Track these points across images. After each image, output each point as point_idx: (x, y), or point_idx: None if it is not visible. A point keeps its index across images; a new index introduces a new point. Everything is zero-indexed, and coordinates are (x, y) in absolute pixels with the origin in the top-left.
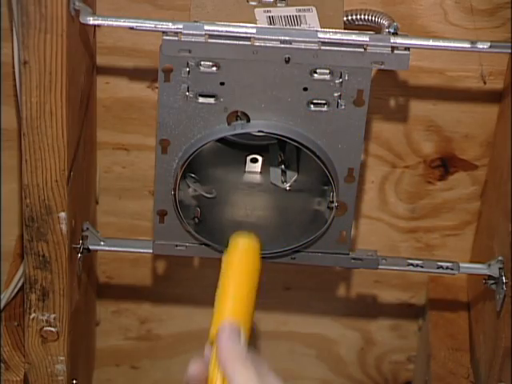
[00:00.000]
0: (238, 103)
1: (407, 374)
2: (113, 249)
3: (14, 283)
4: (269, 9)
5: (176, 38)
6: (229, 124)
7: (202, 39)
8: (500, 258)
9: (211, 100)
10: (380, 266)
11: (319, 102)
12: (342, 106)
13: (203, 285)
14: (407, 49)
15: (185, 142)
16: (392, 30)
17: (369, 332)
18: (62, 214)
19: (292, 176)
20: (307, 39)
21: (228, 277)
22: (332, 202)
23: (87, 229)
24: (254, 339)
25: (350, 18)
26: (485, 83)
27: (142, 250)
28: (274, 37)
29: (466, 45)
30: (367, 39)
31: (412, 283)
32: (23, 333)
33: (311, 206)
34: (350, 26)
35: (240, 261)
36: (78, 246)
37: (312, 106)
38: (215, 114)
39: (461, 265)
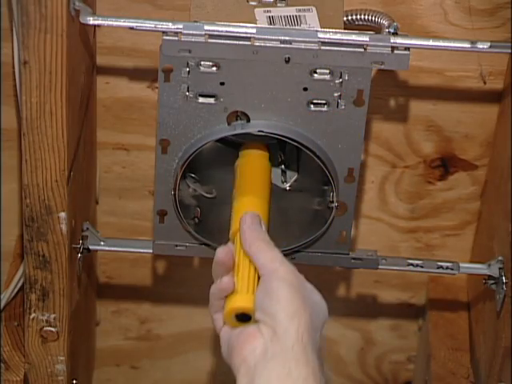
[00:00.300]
0: (238, 103)
1: (407, 374)
2: (113, 249)
3: (14, 283)
4: (269, 9)
5: (176, 38)
6: (229, 124)
7: (202, 39)
8: (500, 257)
9: (211, 100)
10: (380, 266)
11: (319, 102)
12: (342, 105)
13: (203, 285)
14: (407, 49)
15: (185, 142)
16: (392, 30)
17: (369, 332)
18: (62, 214)
19: (292, 176)
20: (307, 39)
21: (243, 177)
22: (332, 201)
23: (87, 229)
24: None
25: (350, 17)
26: (485, 83)
27: (142, 250)
28: (274, 37)
29: (466, 45)
30: (367, 39)
31: (412, 283)
32: (23, 333)
33: (311, 206)
34: (349, 26)
35: (252, 162)
36: (78, 246)
37: (312, 105)
38: (215, 114)
39: (461, 265)
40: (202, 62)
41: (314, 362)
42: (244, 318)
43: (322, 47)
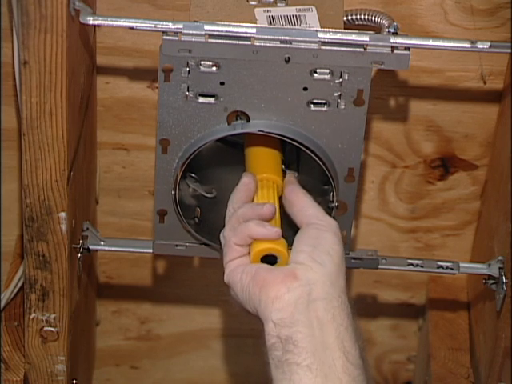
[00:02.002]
0: (237, 103)
1: (407, 374)
2: (113, 249)
3: (14, 283)
4: (269, 8)
5: (176, 38)
6: (229, 124)
7: (202, 39)
8: (500, 257)
9: (211, 100)
10: (380, 266)
11: (319, 101)
12: (341, 105)
13: (203, 285)
14: (407, 49)
15: (185, 142)
16: (392, 30)
17: (369, 332)
18: (62, 214)
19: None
20: (307, 39)
21: (256, 150)
22: (332, 201)
23: (87, 229)
24: (254, 338)
25: (350, 17)
26: (485, 83)
27: (142, 250)
28: (274, 37)
29: (466, 45)
30: (367, 39)
31: (412, 283)
32: (23, 333)
33: None
34: (349, 26)
35: (260, 144)
36: (78, 246)
37: (312, 105)
38: (215, 114)
39: (461, 265)
40: (202, 62)
41: (351, 318)
42: (269, 260)
43: (322, 47)
